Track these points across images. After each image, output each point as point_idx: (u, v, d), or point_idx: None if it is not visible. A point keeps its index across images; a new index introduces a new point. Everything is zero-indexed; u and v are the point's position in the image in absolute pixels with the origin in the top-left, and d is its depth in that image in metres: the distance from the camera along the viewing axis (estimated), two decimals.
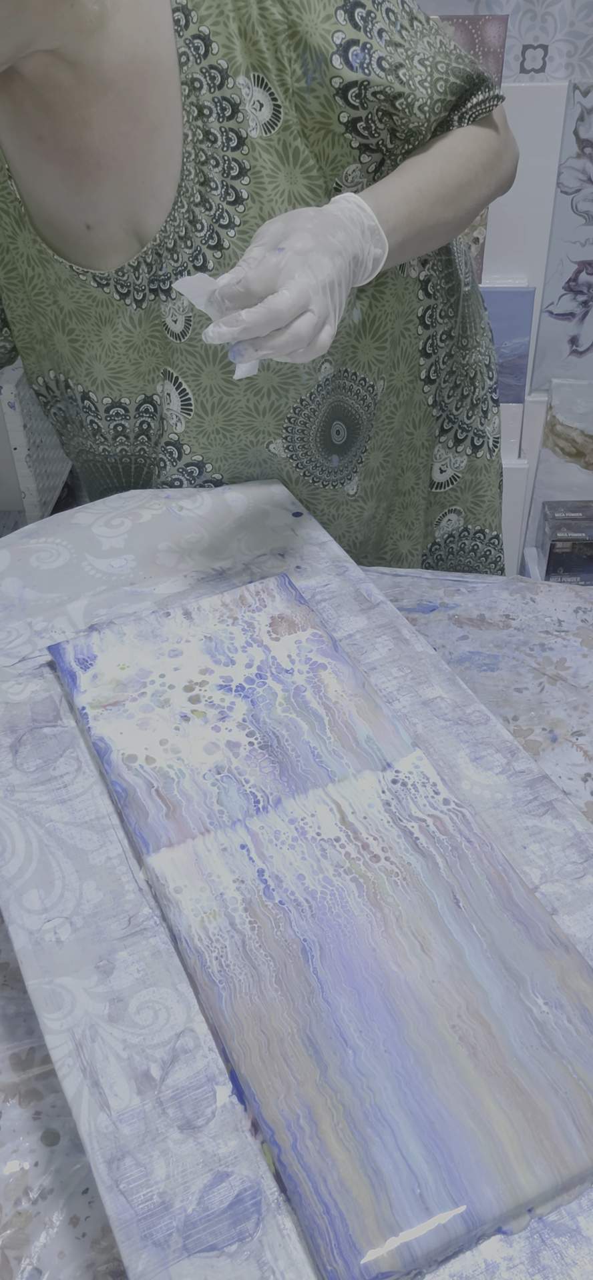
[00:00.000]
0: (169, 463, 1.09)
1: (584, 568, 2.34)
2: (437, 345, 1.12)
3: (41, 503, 1.62)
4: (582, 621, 0.97)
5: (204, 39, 0.89)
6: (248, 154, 0.92)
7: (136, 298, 1.01)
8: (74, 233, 1.00)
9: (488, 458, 1.24)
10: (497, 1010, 0.59)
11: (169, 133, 0.93)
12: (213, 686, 0.81)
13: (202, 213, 0.95)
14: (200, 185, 0.94)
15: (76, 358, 1.06)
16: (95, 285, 1.01)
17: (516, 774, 0.74)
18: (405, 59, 0.92)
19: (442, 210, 0.96)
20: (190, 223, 0.96)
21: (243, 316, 0.75)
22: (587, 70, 1.92)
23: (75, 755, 0.77)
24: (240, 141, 0.92)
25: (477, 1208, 0.51)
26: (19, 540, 1.02)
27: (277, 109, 0.91)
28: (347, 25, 0.89)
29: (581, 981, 0.60)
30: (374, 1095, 0.55)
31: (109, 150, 0.94)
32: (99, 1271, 0.57)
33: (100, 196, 0.97)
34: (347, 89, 0.90)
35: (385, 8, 0.92)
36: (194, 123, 0.92)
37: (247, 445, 1.07)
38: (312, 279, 0.77)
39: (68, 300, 1.03)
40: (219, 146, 0.92)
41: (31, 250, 1.02)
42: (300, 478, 1.10)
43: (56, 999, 0.61)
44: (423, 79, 0.93)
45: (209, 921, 0.64)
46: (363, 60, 0.90)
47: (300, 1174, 0.52)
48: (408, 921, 0.64)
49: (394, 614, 0.89)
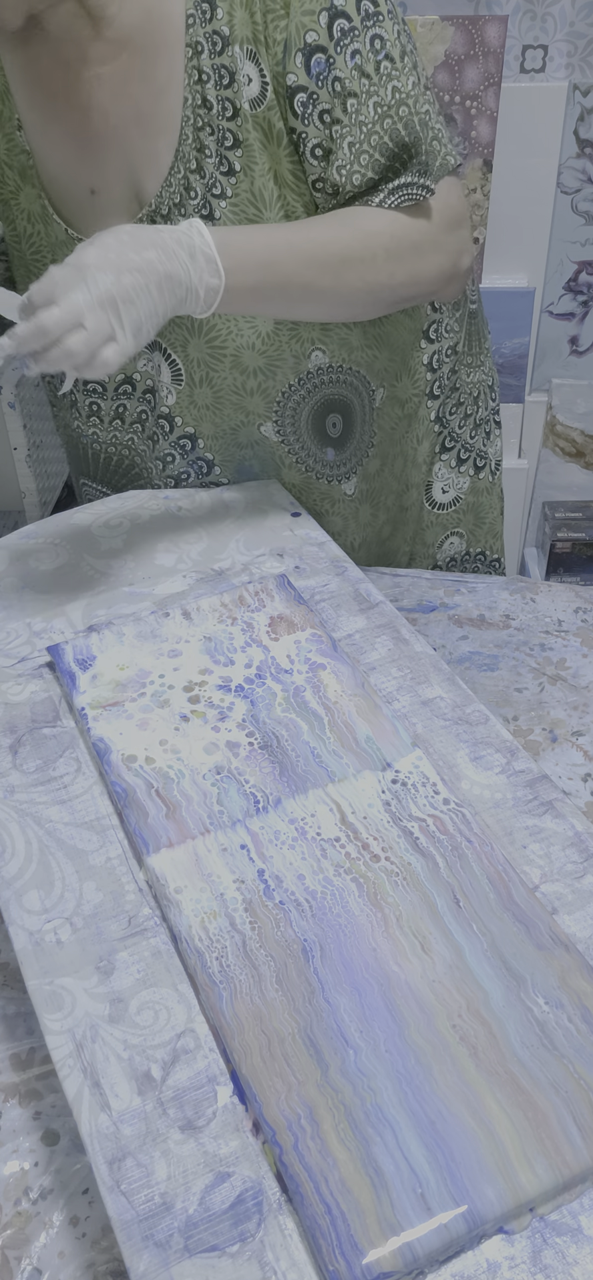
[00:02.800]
0: (161, 437, 1.08)
1: (584, 568, 2.34)
2: (442, 360, 1.11)
3: (41, 503, 1.62)
4: (582, 621, 0.97)
5: (210, 2, 0.89)
6: (241, 126, 0.92)
7: None
8: (78, 197, 0.99)
9: (490, 480, 1.23)
10: (497, 1010, 0.59)
11: (172, 95, 0.93)
12: (212, 687, 0.81)
13: (196, 180, 0.94)
14: (197, 152, 0.94)
15: None
16: None
17: (515, 774, 0.74)
18: (363, 92, 0.89)
19: (316, 274, 0.90)
20: (185, 189, 0.95)
21: (17, 330, 0.78)
22: (587, 70, 1.92)
23: (75, 756, 0.77)
24: (235, 112, 0.91)
25: (478, 1207, 0.51)
26: (17, 541, 1.02)
27: (264, 86, 0.90)
28: (324, 31, 0.87)
29: (581, 981, 0.60)
30: (375, 1095, 0.55)
31: (118, 109, 0.93)
32: (99, 1271, 0.57)
33: (106, 159, 0.96)
34: (295, 92, 0.89)
35: (374, 33, 0.89)
36: (194, 87, 0.91)
37: (237, 425, 1.06)
38: (85, 295, 0.78)
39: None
40: (215, 114, 0.92)
41: (34, 206, 1.01)
42: (293, 463, 1.10)
43: (57, 1000, 0.61)
44: (365, 122, 0.89)
45: (209, 922, 0.64)
46: (322, 71, 0.88)
47: (302, 1174, 0.52)
48: (408, 921, 0.64)
49: (393, 614, 0.89)
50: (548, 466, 2.28)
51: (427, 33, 1.84)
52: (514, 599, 1.01)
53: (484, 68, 1.88)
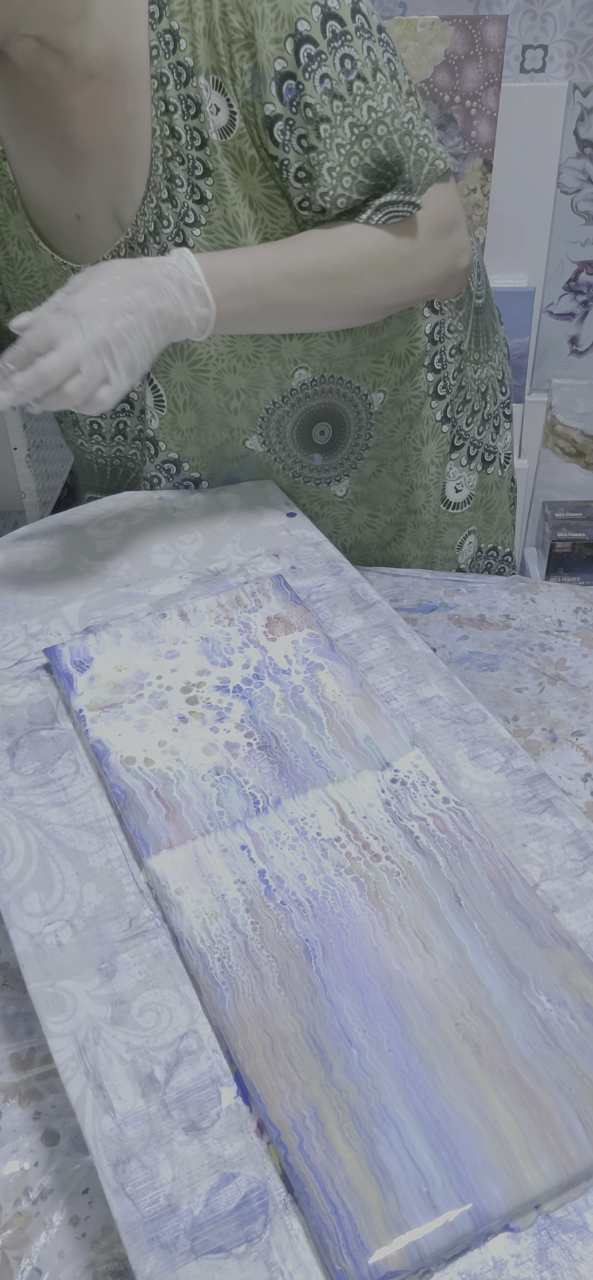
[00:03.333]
0: (147, 459, 1.09)
1: (584, 568, 2.34)
2: (446, 361, 1.10)
3: (41, 503, 1.61)
4: (582, 621, 0.97)
5: (173, 34, 0.89)
6: (210, 155, 0.92)
7: None
8: (65, 223, 1.00)
9: (499, 474, 1.22)
10: (500, 1008, 0.59)
11: (142, 125, 0.93)
12: (210, 688, 0.81)
13: (168, 209, 0.95)
14: (167, 181, 0.94)
15: None
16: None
17: (514, 772, 0.74)
18: (337, 115, 0.88)
19: (305, 293, 0.91)
20: (158, 218, 0.95)
21: (16, 381, 0.81)
22: (587, 70, 1.92)
23: (73, 757, 0.77)
24: (204, 142, 0.91)
25: (484, 1205, 0.51)
26: (13, 543, 1.01)
27: (232, 115, 0.90)
28: (290, 57, 0.87)
29: (583, 978, 0.60)
30: (379, 1094, 0.55)
31: (93, 137, 0.94)
32: (99, 1271, 0.57)
33: (87, 184, 0.97)
34: (273, 121, 0.89)
35: (343, 53, 0.88)
36: (161, 118, 0.92)
37: (222, 442, 1.07)
38: (81, 341, 0.81)
39: (55, 286, 1.02)
40: (184, 144, 0.92)
41: (23, 233, 1.02)
42: (280, 470, 1.10)
43: (58, 1002, 0.61)
44: (343, 144, 0.89)
45: (211, 923, 0.64)
46: (294, 98, 0.88)
47: (307, 1174, 0.52)
48: (410, 920, 0.64)
49: (390, 613, 0.90)
50: (548, 466, 2.29)
51: (427, 33, 1.84)
52: (514, 599, 1.01)
53: (484, 68, 1.88)
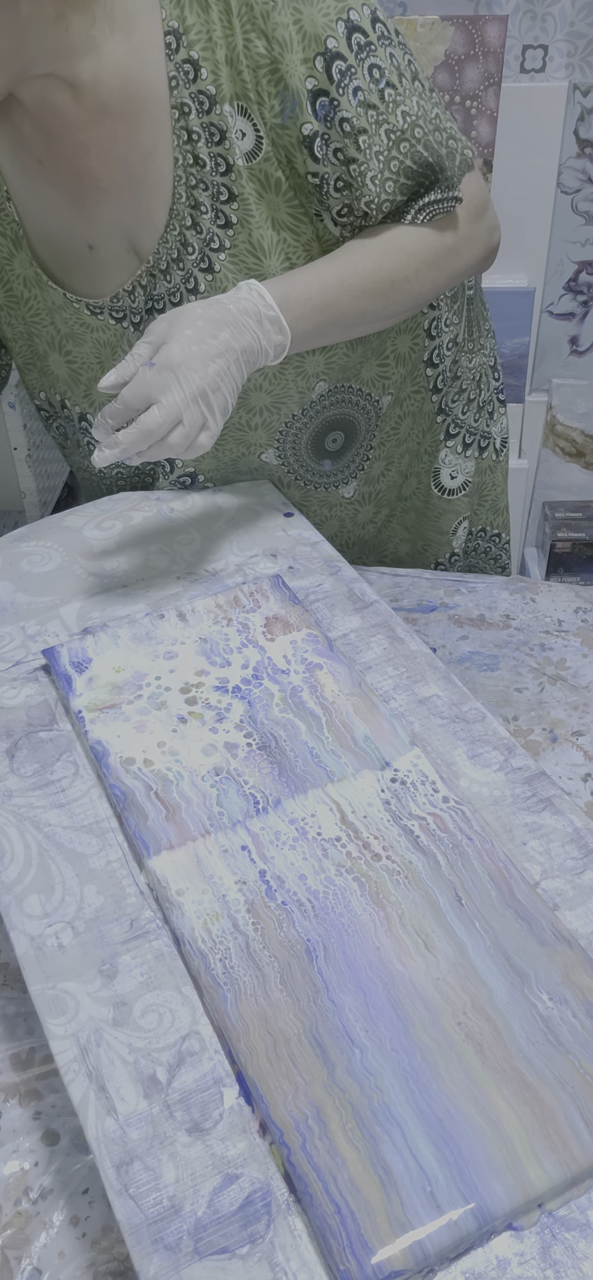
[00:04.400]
0: (161, 475, 1.10)
1: (584, 568, 2.34)
2: (443, 354, 1.12)
3: (41, 503, 1.61)
4: (582, 621, 0.97)
5: (193, 64, 0.89)
6: (235, 180, 0.92)
7: (134, 320, 1.01)
8: (76, 253, 1.00)
9: (494, 458, 1.24)
10: (502, 1007, 0.59)
11: (161, 157, 0.93)
12: (209, 688, 0.81)
13: (192, 236, 0.95)
14: (191, 209, 0.94)
15: (74, 379, 1.06)
16: (89, 313, 1.01)
17: (513, 771, 0.74)
18: (373, 124, 0.90)
19: (367, 302, 0.94)
20: (182, 245, 0.96)
21: (120, 438, 0.83)
22: (587, 70, 1.92)
23: (73, 759, 0.77)
24: (229, 168, 0.92)
25: (487, 1204, 0.51)
26: (9, 544, 1.01)
27: (259, 140, 0.91)
28: (322, 75, 0.88)
29: (584, 977, 0.60)
30: (382, 1094, 0.55)
31: (107, 174, 0.94)
32: (99, 1271, 0.57)
33: (101, 217, 0.97)
34: (312, 139, 0.90)
35: (370, 63, 0.89)
36: (184, 147, 0.92)
37: (238, 456, 1.07)
38: (180, 394, 0.83)
39: (63, 324, 1.03)
40: (208, 171, 0.92)
41: (28, 272, 1.02)
42: (292, 481, 1.11)
43: (60, 1004, 0.61)
44: (381, 151, 0.91)
45: (212, 923, 0.64)
46: (328, 113, 0.89)
47: (310, 1174, 0.52)
48: (411, 920, 0.64)
49: (388, 613, 0.90)
50: (548, 466, 2.29)
51: (427, 33, 1.84)
52: (514, 599, 1.01)
53: (484, 68, 1.88)
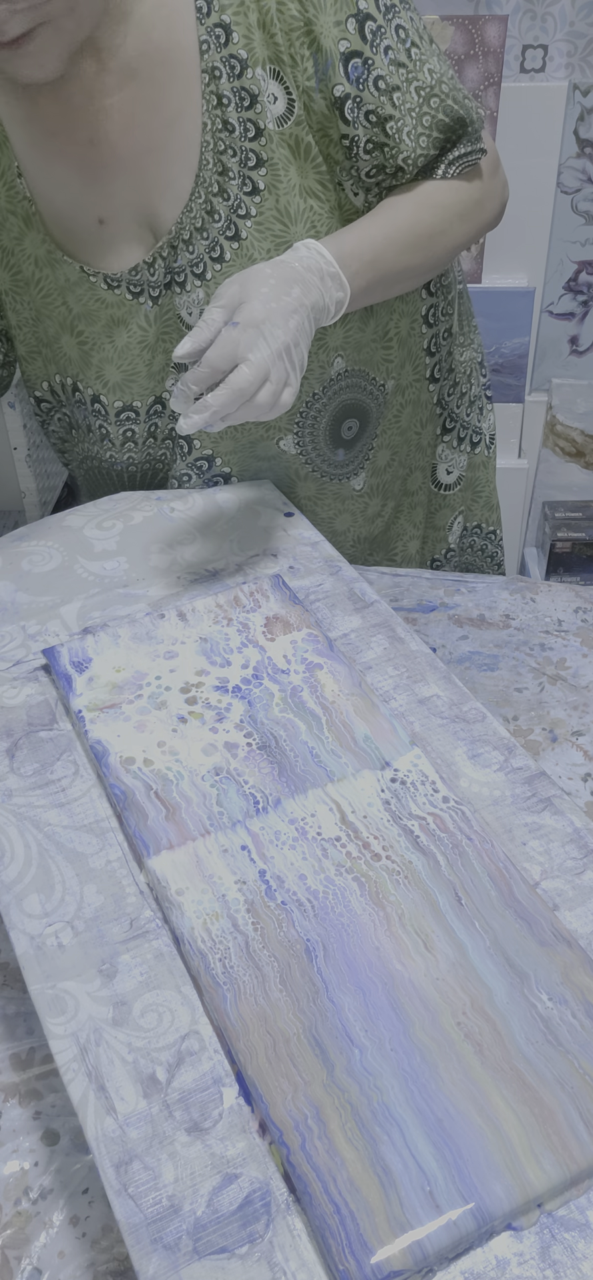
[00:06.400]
0: (179, 457, 1.09)
1: (584, 568, 2.34)
2: (440, 343, 1.13)
3: (41, 503, 1.61)
4: (582, 621, 0.97)
5: (225, 28, 0.90)
6: (265, 145, 0.93)
7: (152, 294, 1.01)
8: (85, 229, 0.99)
9: (485, 454, 1.25)
10: (502, 1007, 0.59)
11: (188, 122, 0.93)
12: (209, 688, 0.81)
13: (219, 203, 0.95)
14: (218, 175, 0.94)
15: (85, 361, 1.06)
16: (106, 288, 1.01)
17: (513, 771, 0.74)
18: (404, 82, 0.92)
19: (410, 257, 0.97)
20: (208, 213, 0.96)
21: (210, 401, 0.82)
22: (587, 70, 1.92)
23: (73, 758, 0.77)
24: (258, 132, 0.93)
25: (487, 1204, 0.51)
26: (10, 544, 1.01)
27: (290, 103, 0.92)
28: (355, 36, 0.90)
29: (584, 977, 0.60)
30: (382, 1094, 0.55)
31: (127, 141, 0.94)
32: (99, 1271, 0.57)
33: (115, 189, 0.96)
34: (343, 101, 0.91)
35: (396, 24, 0.92)
36: (213, 112, 0.92)
37: (257, 439, 1.07)
38: (267, 350, 0.82)
39: (77, 303, 1.02)
40: (237, 136, 0.93)
41: (39, 251, 1.01)
42: (309, 473, 1.11)
43: (60, 1003, 0.61)
44: (413, 108, 0.93)
45: (212, 923, 0.64)
46: (361, 75, 0.90)
47: (310, 1174, 0.52)
48: (411, 920, 0.64)
49: (388, 613, 0.90)
50: (548, 466, 2.29)
51: None
52: (514, 599, 1.01)
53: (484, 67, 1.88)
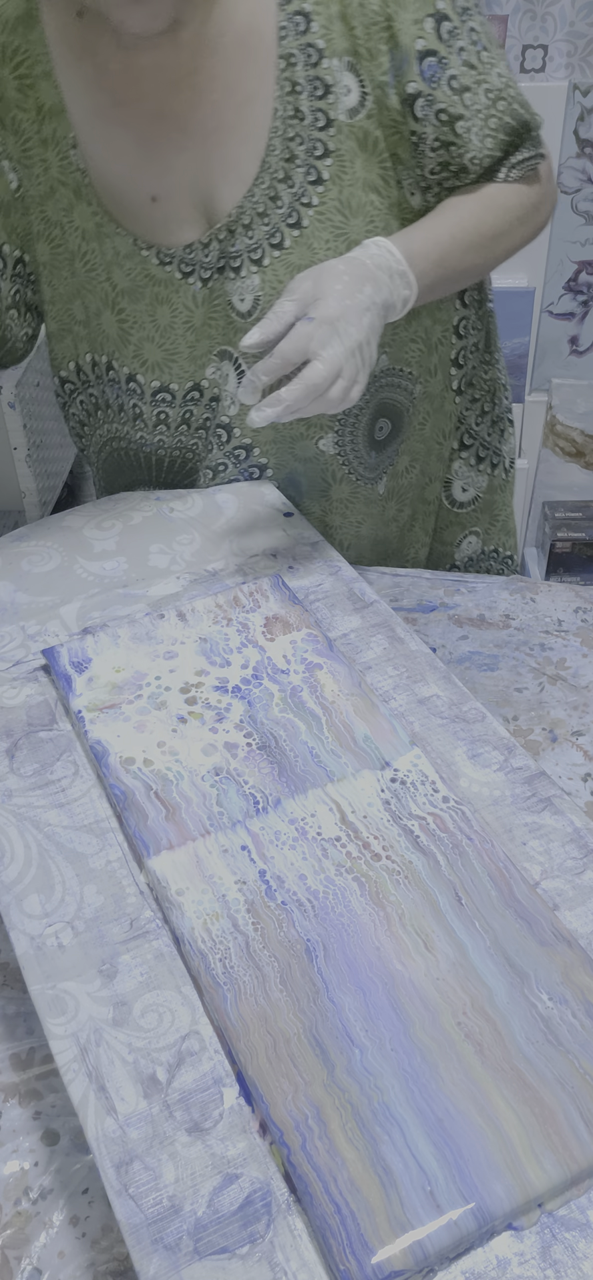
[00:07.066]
0: (216, 446, 1.08)
1: (584, 568, 2.34)
2: (467, 356, 1.13)
3: (41, 503, 1.61)
4: (582, 621, 0.97)
5: (305, 15, 0.91)
6: (334, 136, 0.93)
7: (203, 276, 1.00)
8: (137, 205, 0.98)
9: (504, 477, 1.25)
10: (502, 1007, 0.59)
11: (260, 106, 0.93)
12: (209, 688, 0.81)
13: (284, 189, 0.95)
14: (285, 161, 0.94)
15: (124, 338, 1.04)
16: (157, 263, 1.00)
17: (513, 770, 0.74)
18: (475, 83, 0.94)
19: (473, 257, 0.98)
20: (271, 199, 0.96)
21: (284, 395, 0.81)
22: (587, 70, 1.92)
23: (73, 759, 0.77)
24: (328, 123, 0.93)
25: (487, 1204, 0.51)
26: (9, 544, 1.01)
27: (364, 96, 0.93)
28: (432, 35, 0.91)
29: (584, 977, 0.60)
30: (382, 1094, 0.55)
31: (196, 117, 0.94)
32: (99, 1271, 0.57)
33: (175, 165, 0.96)
34: (415, 98, 0.92)
35: (469, 26, 0.93)
36: (286, 98, 0.93)
37: (297, 435, 1.06)
38: (341, 347, 0.82)
39: (123, 278, 1.01)
40: (307, 125, 0.93)
41: (89, 224, 1.00)
42: (344, 475, 1.10)
43: (60, 1004, 0.61)
44: (481, 109, 0.94)
45: (212, 923, 0.64)
46: (435, 73, 0.92)
47: (310, 1174, 0.52)
48: (411, 920, 0.64)
49: (388, 613, 0.90)
50: (548, 466, 2.29)
51: None
52: (514, 599, 1.01)
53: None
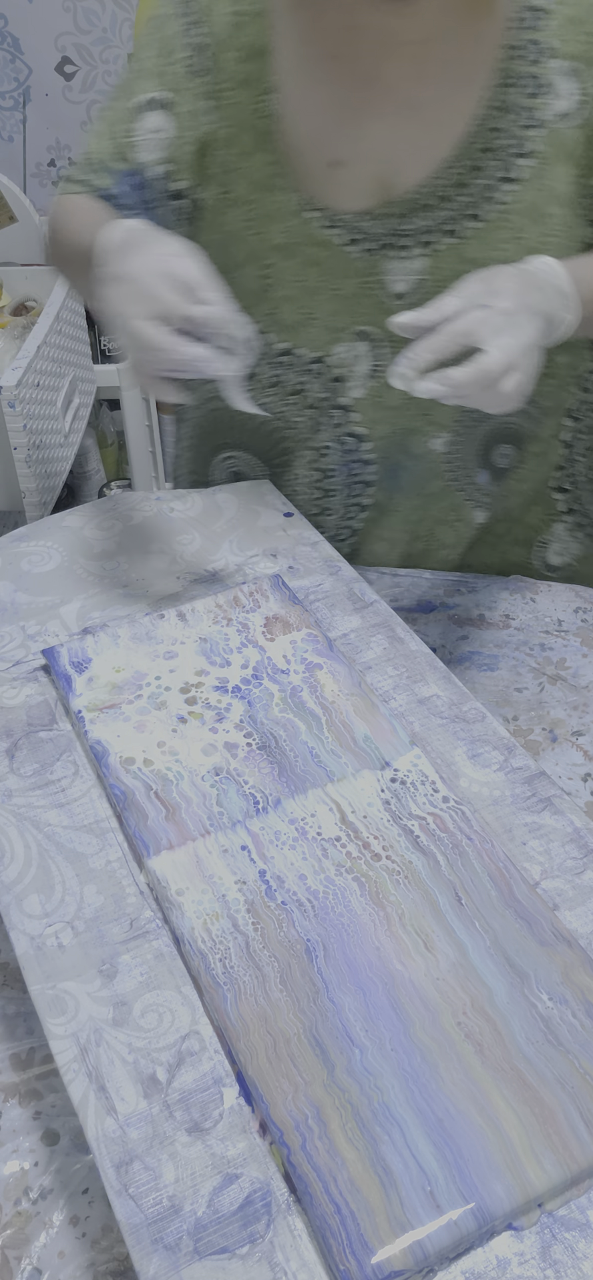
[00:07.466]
0: (327, 426, 1.04)
1: None
2: (584, 412, 1.08)
3: (41, 503, 1.60)
4: (582, 621, 0.97)
5: (537, 11, 0.89)
6: (538, 137, 0.91)
7: (367, 248, 0.97)
8: (314, 168, 0.96)
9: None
10: (502, 1007, 0.59)
11: (471, 91, 0.91)
12: (209, 688, 0.81)
13: (473, 179, 0.93)
14: (481, 151, 0.92)
15: (262, 294, 1.01)
16: (322, 225, 0.97)
17: (513, 770, 0.74)
18: None
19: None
20: (459, 186, 0.93)
21: (453, 376, 0.76)
22: None
23: (73, 759, 0.77)
24: (536, 124, 0.91)
25: (487, 1204, 0.51)
26: (9, 544, 1.01)
27: (581, 104, 0.90)
28: None
29: (584, 977, 0.60)
30: (382, 1094, 0.55)
31: (405, 88, 0.92)
32: (99, 1271, 0.57)
33: (371, 132, 0.94)
34: None
35: None
36: (498, 89, 0.91)
37: (411, 430, 1.02)
38: (515, 341, 0.78)
39: (279, 233, 0.98)
40: (512, 119, 0.91)
41: (261, 174, 0.97)
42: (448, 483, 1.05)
43: (60, 1004, 0.61)
44: None
45: (212, 923, 0.64)
46: None
47: (310, 1174, 0.52)
48: (411, 920, 0.64)
49: (388, 613, 0.90)
50: None
51: None
52: (514, 599, 1.01)
53: None
